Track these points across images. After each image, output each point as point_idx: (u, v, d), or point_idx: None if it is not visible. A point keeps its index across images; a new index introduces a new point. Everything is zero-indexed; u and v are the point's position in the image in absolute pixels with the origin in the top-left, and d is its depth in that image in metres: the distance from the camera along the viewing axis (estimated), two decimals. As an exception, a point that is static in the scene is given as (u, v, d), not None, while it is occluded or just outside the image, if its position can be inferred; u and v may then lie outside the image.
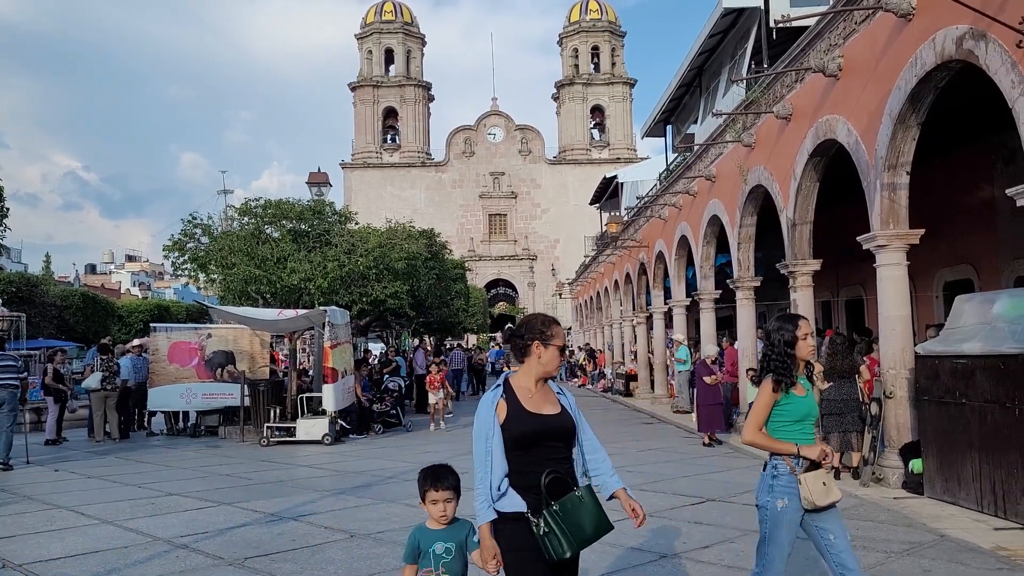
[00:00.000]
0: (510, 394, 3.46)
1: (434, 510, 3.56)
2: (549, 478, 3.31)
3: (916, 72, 8.35)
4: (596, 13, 66.71)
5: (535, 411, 3.43)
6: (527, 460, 3.36)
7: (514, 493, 3.33)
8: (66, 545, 7.24)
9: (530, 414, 3.41)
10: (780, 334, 4.23)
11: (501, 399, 3.44)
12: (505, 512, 3.32)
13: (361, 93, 65.63)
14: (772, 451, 4.14)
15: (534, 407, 3.44)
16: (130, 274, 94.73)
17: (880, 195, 9.33)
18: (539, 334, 3.50)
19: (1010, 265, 13.00)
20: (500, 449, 3.35)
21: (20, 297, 25.27)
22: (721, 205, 15.68)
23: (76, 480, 11.30)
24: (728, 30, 16.80)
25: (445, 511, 3.55)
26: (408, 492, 9.56)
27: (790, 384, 4.14)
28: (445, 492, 3.55)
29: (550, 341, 3.50)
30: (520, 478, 3.35)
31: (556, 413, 3.48)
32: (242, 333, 17.69)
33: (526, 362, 3.52)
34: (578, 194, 58.69)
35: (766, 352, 4.33)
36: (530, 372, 3.51)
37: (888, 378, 9.48)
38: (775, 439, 4.12)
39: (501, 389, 3.49)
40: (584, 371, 35.50)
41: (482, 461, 3.38)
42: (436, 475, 3.59)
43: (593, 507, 3.33)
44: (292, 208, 18.79)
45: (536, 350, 3.50)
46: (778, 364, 4.17)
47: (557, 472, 3.35)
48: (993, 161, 13.05)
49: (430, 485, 3.57)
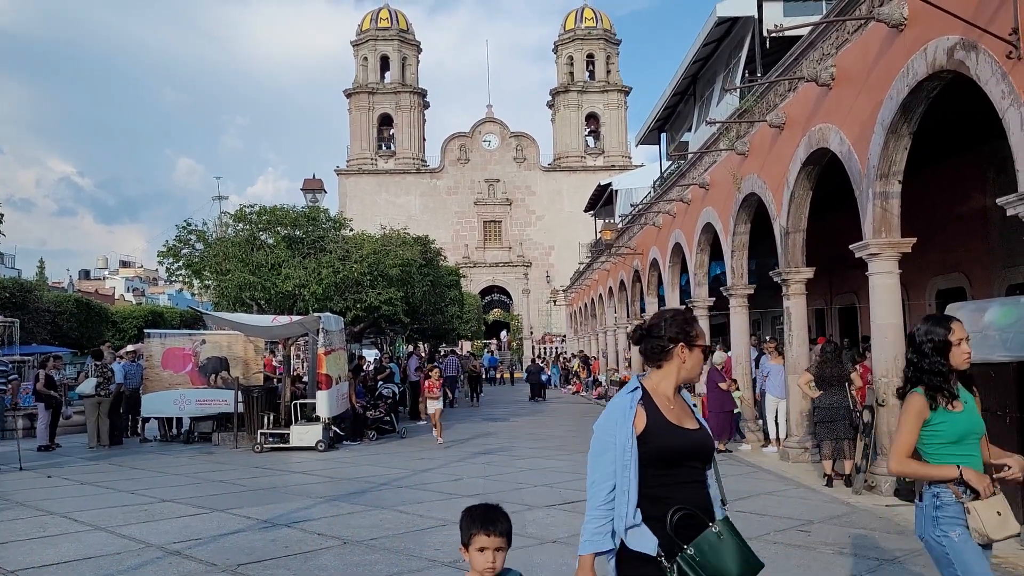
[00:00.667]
0: (648, 401, 2.94)
1: (480, 560, 2.89)
2: (678, 515, 2.76)
3: (908, 82, 8.42)
4: (591, 21, 66.88)
5: (677, 424, 2.93)
6: (663, 482, 2.84)
7: (646, 529, 2.77)
8: (59, 551, 7.22)
9: (674, 427, 2.91)
10: (929, 337, 3.54)
11: (639, 406, 2.92)
12: (631, 551, 2.76)
13: (356, 99, 65.66)
14: (929, 479, 3.50)
15: (675, 419, 2.94)
16: (124, 280, 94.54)
17: (872, 204, 9.39)
18: (683, 334, 2.99)
19: (1001, 274, 13.08)
20: (635, 466, 2.81)
21: (14, 303, 25.20)
22: (715, 213, 15.74)
23: (69, 486, 11.27)
24: (722, 39, 16.92)
25: (494, 562, 2.88)
26: (402, 499, 9.58)
27: (951, 398, 3.49)
28: (497, 539, 2.89)
29: (695, 342, 3.01)
30: (651, 505, 2.80)
31: (697, 428, 3.00)
32: (236, 339, 17.68)
33: (664, 367, 3.00)
34: (573, 201, 58.77)
35: (912, 360, 3.63)
36: (670, 378, 3.00)
37: (880, 386, 9.52)
38: (931, 465, 3.49)
39: (640, 393, 2.95)
40: (578, 378, 35.56)
41: (603, 476, 2.82)
42: (488, 517, 2.92)
43: (736, 544, 2.76)
44: (287, 214, 18.79)
45: (680, 353, 2.99)
46: (931, 375, 3.50)
47: (686, 508, 2.78)
48: (984, 171, 13.13)
49: (479, 528, 2.90)
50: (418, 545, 7.26)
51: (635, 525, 2.76)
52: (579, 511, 8.56)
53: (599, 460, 2.85)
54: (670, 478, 2.85)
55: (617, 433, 2.83)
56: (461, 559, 6.55)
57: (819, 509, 8.77)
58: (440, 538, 7.49)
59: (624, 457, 2.79)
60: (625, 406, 2.89)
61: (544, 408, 26.60)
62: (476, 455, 13.94)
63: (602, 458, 2.84)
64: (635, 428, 2.84)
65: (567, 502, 9.23)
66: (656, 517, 2.76)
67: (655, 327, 3.04)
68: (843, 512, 8.53)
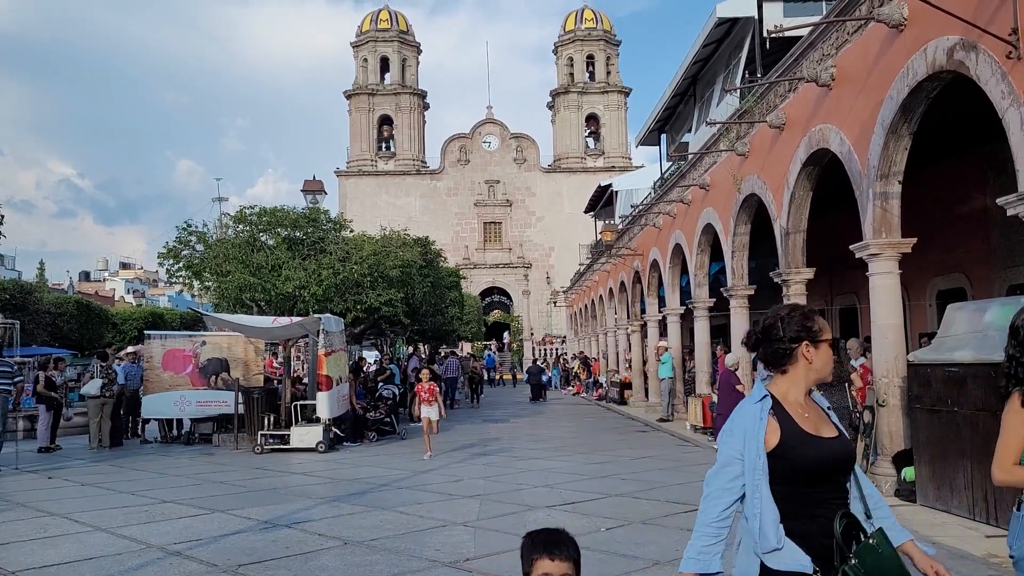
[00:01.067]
0: (779, 410, 2.63)
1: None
2: (844, 522, 2.51)
3: (908, 82, 8.42)
4: (591, 22, 66.93)
5: (815, 433, 2.63)
6: (805, 500, 2.56)
7: (795, 546, 2.49)
8: (60, 552, 7.22)
9: (812, 437, 2.60)
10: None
11: (770, 416, 2.61)
12: (783, 571, 2.49)
13: (356, 101, 65.70)
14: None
15: (812, 428, 2.63)
16: (124, 281, 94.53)
17: (872, 204, 9.39)
18: (806, 331, 2.68)
19: (1002, 274, 13.08)
20: (767, 484, 2.53)
21: (14, 304, 25.24)
22: (715, 214, 15.75)
23: (70, 487, 11.27)
24: (722, 40, 16.92)
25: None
26: (402, 499, 9.59)
27: None
28: (563, 564, 2.53)
29: (820, 337, 2.69)
30: (794, 523, 2.52)
31: (836, 436, 2.67)
32: (236, 340, 17.69)
33: (790, 371, 2.70)
34: (573, 202, 58.79)
35: (1014, 356, 3.21)
36: (799, 383, 2.70)
37: (881, 386, 9.52)
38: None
39: (769, 402, 2.64)
40: (579, 379, 35.58)
41: (719, 490, 2.58)
42: (552, 540, 2.58)
43: (894, 558, 2.50)
44: (287, 216, 18.81)
45: (805, 353, 2.68)
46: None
47: (848, 515, 2.55)
48: (984, 171, 13.14)
49: (543, 553, 2.55)
50: (419, 546, 7.26)
51: (777, 548, 2.48)
52: (580, 512, 8.63)
53: (718, 474, 2.60)
54: (814, 493, 2.57)
55: (745, 448, 2.56)
56: (462, 559, 6.61)
57: (820, 509, 8.75)
58: (440, 538, 7.50)
59: (755, 476, 2.53)
60: (754, 417, 2.60)
61: (544, 409, 26.61)
62: (476, 456, 13.95)
63: (722, 472, 2.59)
64: (767, 442, 2.57)
65: (568, 503, 9.24)
66: (801, 534, 2.50)
67: (771, 329, 2.74)
68: (844, 512, 8.52)
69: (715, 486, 2.58)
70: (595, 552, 6.88)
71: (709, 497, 2.59)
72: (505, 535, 7.52)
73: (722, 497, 2.56)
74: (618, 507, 8.98)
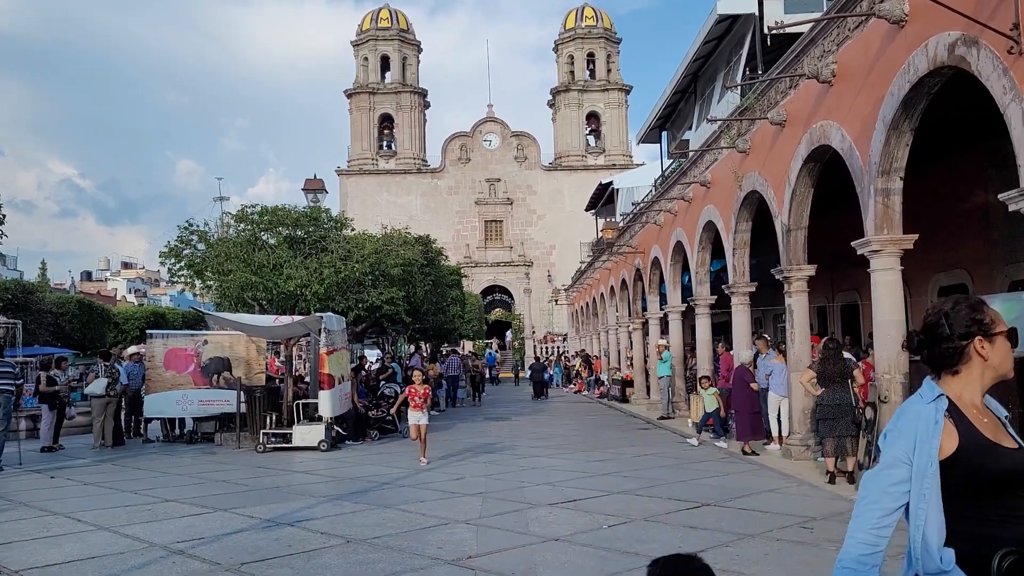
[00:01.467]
0: (955, 413, 2.32)
1: None
2: (1008, 561, 2.15)
3: (909, 78, 8.41)
4: (591, 20, 66.88)
5: (996, 441, 2.30)
6: (982, 517, 2.25)
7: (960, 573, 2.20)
8: (63, 551, 7.23)
9: (994, 446, 2.28)
10: None
11: (946, 418, 2.30)
12: None
13: (357, 100, 65.69)
14: None
15: (992, 436, 2.31)
16: (126, 281, 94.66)
17: (874, 200, 9.38)
18: (977, 325, 2.36)
19: (1003, 270, 13.07)
20: (938, 495, 2.23)
21: (16, 304, 25.27)
22: (716, 211, 15.74)
23: (72, 487, 11.28)
24: (723, 37, 16.91)
25: None
26: (404, 498, 9.59)
27: None
28: None
29: (993, 329, 2.37)
30: (966, 544, 2.22)
31: (1017, 448, 2.33)
32: (238, 339, 17.70)
33: (963, 371, 2.37)
34: (574, 200, 58.75)
35: None
36: (974, 383, 2.37)
37: (883, 383, 9.52)
38: None
39: (945, 402, 2.33)
40: (580, 377, 35.60)
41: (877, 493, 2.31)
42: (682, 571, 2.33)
43: None
44: (288, 215, 18.81)
45: (979, 349, 2.36)
46: None
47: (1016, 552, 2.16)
48: (986, 167, 13.12)
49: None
50: (421, 543, 7.26)
51: (944, 572, 2.20)
52: (582, 509, 8.63)
53: (879, 475, 2.33)
54: (991, 511, 2.24)
55: (916, 453, 2.26)
56: (464, 557, 6.62)
57: (822, 506, 8.77)
58: (442, 536, 7.50)
59: (922, 485, 2.24)
60: (929, 419, 2.29)
61: (546, 407, 26.62)
62: (478, 454, 13.96)
63: (884, 474, 2.31)
64: (942, 448, 2.26)
65: (569, 500, 9.24)
66: (971, 557, 2.19)
67: (936, 327, 2.41)
68: (846, 509, 8.52)
69: (874, 488, 2.33)
70: (597, 549, 6.89)
71: (865, 500, 2.33)
72: (507, 533, 7.53)
73: (881, 501, 2.30)
74: (620, 504, 8.98)
